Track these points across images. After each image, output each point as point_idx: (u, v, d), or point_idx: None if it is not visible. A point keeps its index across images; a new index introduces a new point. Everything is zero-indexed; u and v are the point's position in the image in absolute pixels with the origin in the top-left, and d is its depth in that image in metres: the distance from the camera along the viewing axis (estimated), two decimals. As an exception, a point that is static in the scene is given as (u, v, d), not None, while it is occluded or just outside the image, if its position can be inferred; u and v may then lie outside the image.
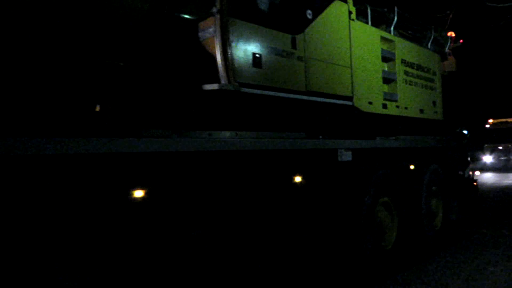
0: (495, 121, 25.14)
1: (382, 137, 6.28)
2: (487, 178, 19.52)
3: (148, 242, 3.08)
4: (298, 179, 4.44)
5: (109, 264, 2.84)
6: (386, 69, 6.41)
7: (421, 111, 7.29)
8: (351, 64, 5.47)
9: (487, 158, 24.14)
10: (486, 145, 24.36)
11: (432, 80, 7.78)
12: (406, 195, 6.38)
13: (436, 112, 7.88)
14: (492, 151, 23.98)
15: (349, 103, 5.42)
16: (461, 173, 8.94)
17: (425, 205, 6.89)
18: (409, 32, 7.79)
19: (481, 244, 7.10)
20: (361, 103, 5.64)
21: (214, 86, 3.77)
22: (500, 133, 23.90)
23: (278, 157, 4.24)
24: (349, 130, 5.49)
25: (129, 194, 2.94)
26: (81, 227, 2.69)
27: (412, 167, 6.68)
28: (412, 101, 6.98)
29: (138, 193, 2.97)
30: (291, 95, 4.49)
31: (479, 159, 24.66)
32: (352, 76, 5.47)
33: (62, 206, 2.59)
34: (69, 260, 2.64)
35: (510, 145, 23.54)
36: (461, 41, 9.30)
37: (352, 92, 5.46)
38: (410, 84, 6.95)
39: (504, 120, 24.83)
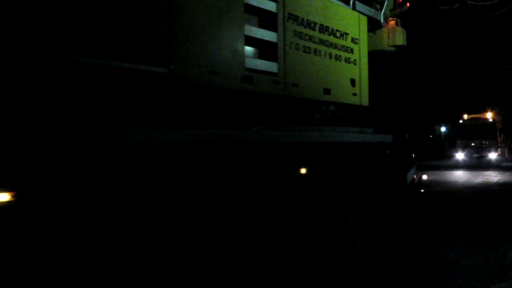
0: (469, 116, 23.56)
1: (261, 127, 4.26)
2: (459, 176, 18.15)
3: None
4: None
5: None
6: (255, 25, 4.34)
7: (327, 91, 5.20)
8: (170, 10, 3.40)
9: (460, 155, 22.49)
10: (458, 141, 22.72)
11: (350, 50, 5.66)
12: (288, 212, 4.35)
13: (355, 94, 5.77)
14: (465, 147, 22.32)
15: (163, 70, 3.34)
16: (400, 177, 6.91)
17: (328, 224, 4.86)
18: None
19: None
20: (192, 72, 3.55)
21: None
22: (474, 129, 22.32)
23: None
24: (170, 114, 3.41)
25: None
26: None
27: (303, 171, 4.64)
28: (307, 76, 4.89)
29: None
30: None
31: (451, 156, 23.09)
32: (173, 29, 3.40)
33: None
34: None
35: (483, 142, 21.86)
36: (408, 4, 7.26)
37: (172, 54, 3.39)
38: (305, 51, 4.87)
39: (477, 115, 23.30)
